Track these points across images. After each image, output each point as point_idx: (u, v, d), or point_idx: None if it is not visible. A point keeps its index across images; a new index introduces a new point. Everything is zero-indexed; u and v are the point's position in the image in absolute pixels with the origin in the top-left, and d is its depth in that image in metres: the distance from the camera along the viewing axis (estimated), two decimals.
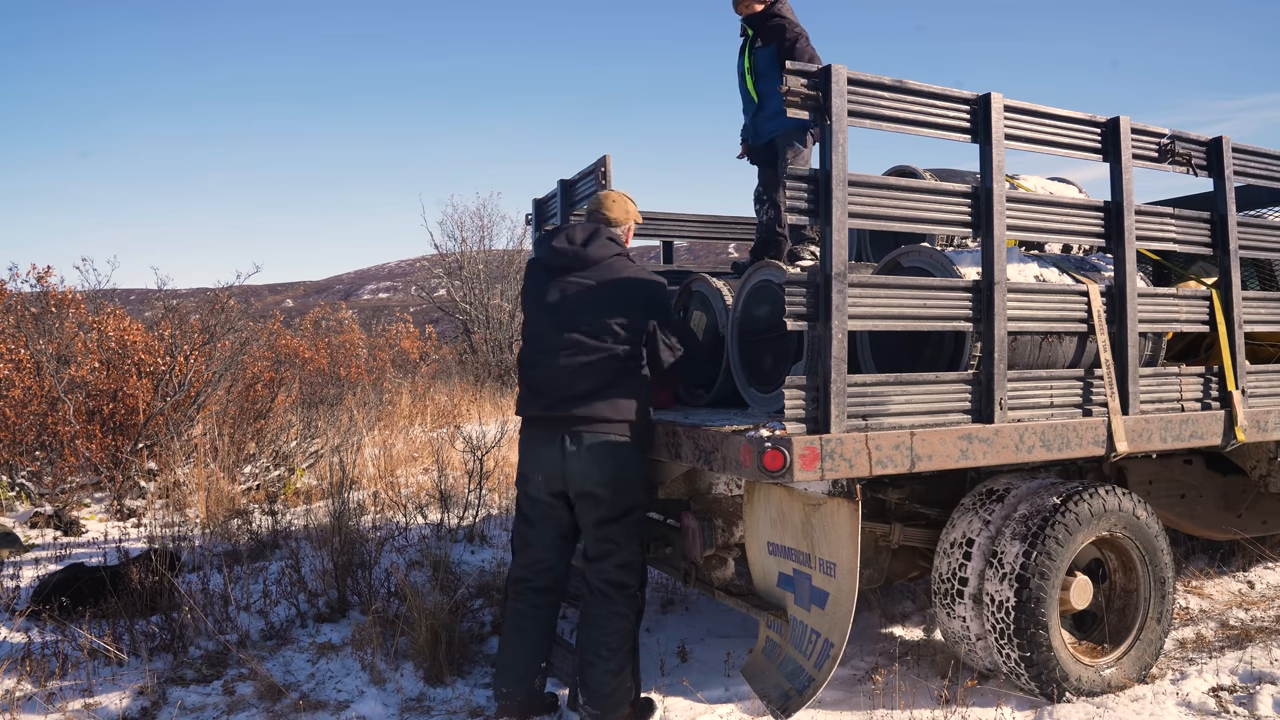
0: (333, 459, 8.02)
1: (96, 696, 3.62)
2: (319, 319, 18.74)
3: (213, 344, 8.66)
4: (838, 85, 2.94)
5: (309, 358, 13.62)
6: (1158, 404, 3.71)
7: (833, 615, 3.07)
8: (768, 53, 4.44)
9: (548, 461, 3.29)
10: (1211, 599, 4.59)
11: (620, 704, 3.26)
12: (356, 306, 37.26)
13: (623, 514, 3.30)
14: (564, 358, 3.27)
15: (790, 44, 4.36)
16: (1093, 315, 3.50)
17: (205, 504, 6.64)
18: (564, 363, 3.27)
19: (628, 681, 3.29)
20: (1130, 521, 3.48)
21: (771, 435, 2.92)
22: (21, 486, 7.10)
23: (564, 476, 3.28)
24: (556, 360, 3.29)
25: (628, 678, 3.29)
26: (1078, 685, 3.32)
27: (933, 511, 3.67)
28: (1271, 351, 4.46)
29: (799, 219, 3.00)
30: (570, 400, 3.25)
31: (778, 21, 4.47)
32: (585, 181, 4.31)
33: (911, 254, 3.61)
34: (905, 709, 3.32)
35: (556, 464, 3.27)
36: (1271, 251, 4.16)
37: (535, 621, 3.42)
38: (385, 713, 3.49)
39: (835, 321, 2.93)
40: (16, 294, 9.19)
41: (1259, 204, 5.17)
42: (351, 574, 4.72)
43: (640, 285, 3.36)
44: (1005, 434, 3.26)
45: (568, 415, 3.25)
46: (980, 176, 3.30)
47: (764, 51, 4.48)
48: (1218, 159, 3.86)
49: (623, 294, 3.31)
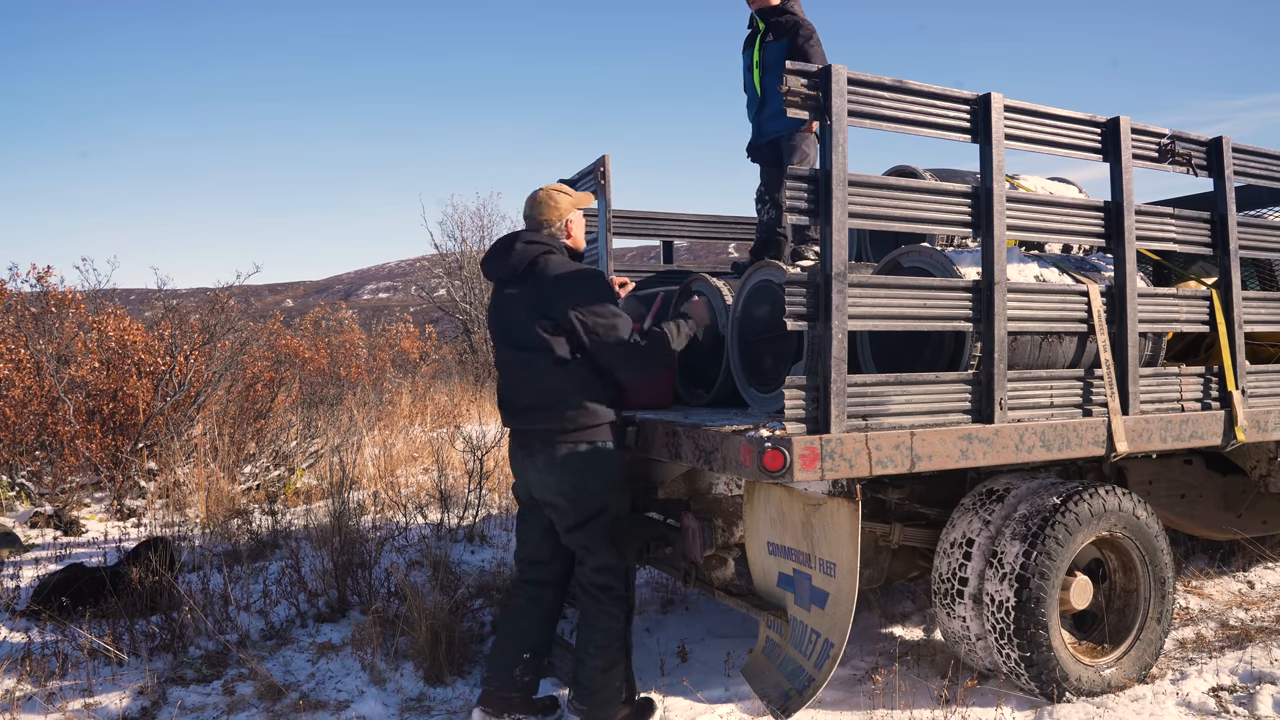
0: (333, 459, 8.02)
1: (96, 696, 3.62)
2: (319, 319, 18.75)
3: (213, 344, 8.66)
4: (838, 85, 2.94)
5: (309, 358, 13.62)
6: (1158, 404, 3.70)
7: (833, 615, 3.07)
8: (779, 47, 4.38)
9: (518, 469, 3.43)
10: (1211, 599, 4.58)
11: (608, 702, 3.27)
12: (356, 306, 37.27)
13: (587, 519, 3.29)
14: (508, 374, 3.39)
15: (803, 42, 4.32)
16: (1093, 315, 3.50)
17: (205, 504, 6.64)
18: (508, 379, 3.39)
19: (617, 680, 3.29)
20: (1130, 521, 3.48)
21: (771, 435, 2.92)
22: (21, 486, 7.10)
23: (528, 485, 3.39)
24: (504, 376, 3.42)
25: (617, 676, 3.29)
26: (1078, 685, 3.32)
27: (933, 511, 3.67)
28: (1271, 351, 4.46)
29: (799, 219, 3.00)
30: (521, 414, 3.34)
31: (791, 18, 4.42)
32: (585, 181, 4.31)
33: (911, 254, 3.61)
34: (905, 709, 3.32)
35: (524, 473, 3.39)
36: (1271, 251, 4.16)
37: (525, 614, 3.47)
38: (385, 713, 3.49)
39: (835, 321, 2.93)
40: (16, 294, 9.19)
41: (1259, 204, 5.17)
42: (351, 574, 4.72)
43: (561, 281, 3.23)
44: (1005, 434, 3.26)
45: (524, 429, 3.35)
46: (980, 176, 3.29)
47: (775, 46, 4.42)
48: (1218, 159, 3.86)
49: (545, 296, 3.23)
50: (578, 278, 3.27)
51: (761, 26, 4.51)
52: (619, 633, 3.32)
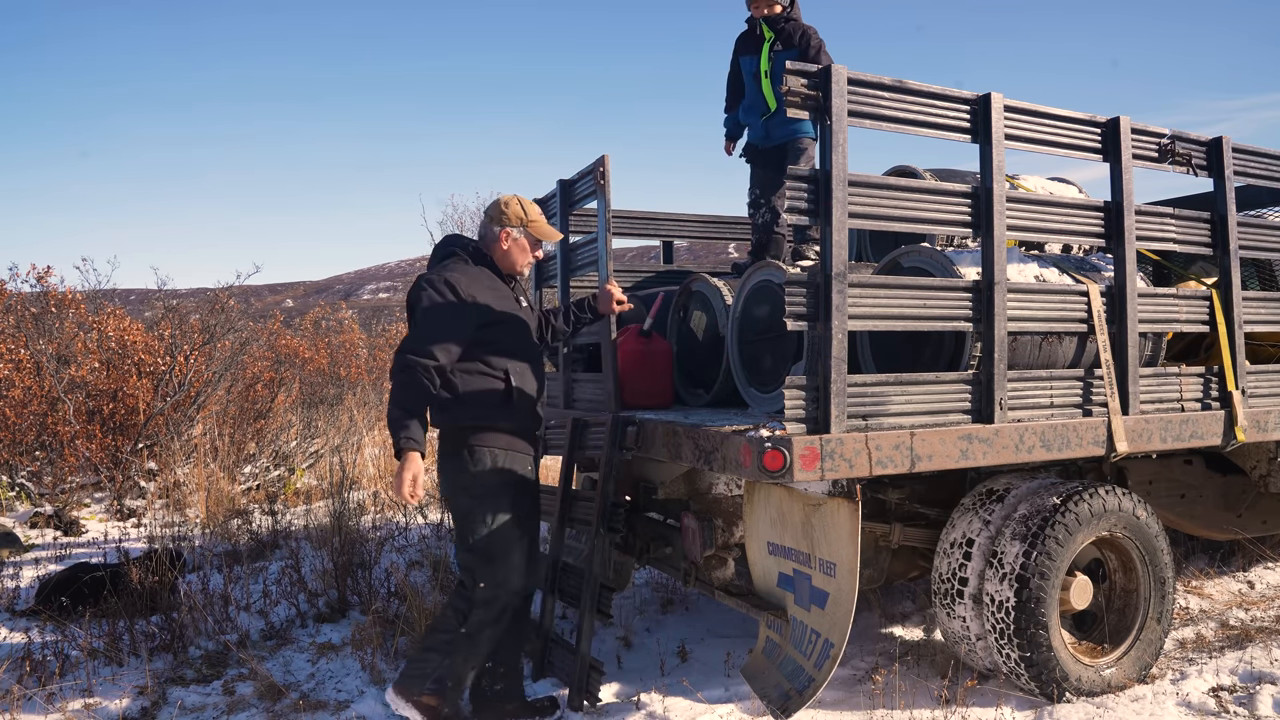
0: (333, 459, 8.03)
1: (96, 696, 3.62)
2: (319, 319, 18.75)
3: (213, 344, 8.67)
4: (838, 85, 2.94)
5: (309, 358, 13.63)
6: (1158, 404, 3.70)
7: (833, 615, 3.07)
8: (789, 56, 4.41)
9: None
10: (1211, 599, 4.58)
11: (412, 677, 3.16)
12: (356, 306, 37.28)
13: (458, 515, 3.25)
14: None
15: (815, 52, 4.41)
16: (1093, 315, 3.50)
17: (205, 504, 6.65)
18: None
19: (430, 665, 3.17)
20: (1130, 521, 3.48)
21: (771, 435, 2.92)
22: (21, 486, 7.11)
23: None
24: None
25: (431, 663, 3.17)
26: (1078, 685, 3.32)
27: (933, 511, 3.67)
28: (1271, 351, 4.45)
29: (799, 219, 2.99)
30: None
31: (797, 26, 4.48)
32: (584, 181, 4.30)
33: (911, 254, 3.61)
34: (905, 709, 3.32)
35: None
36: (1271, 251, 4.15)
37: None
38: (385, 713, 3.49)
39: (835, 321, 2.93)
40: (16, 294, 9.19)
41: (1259, 204, 5.17)
42: (351, 574, 4.73)
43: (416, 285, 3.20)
44: (1005, 434, 3.26)
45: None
46: (980, 176, 3.29)
47: (784, 55, 4.45)
48: (1218, 159, 3.86)
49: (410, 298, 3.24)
50: (419, 284, 3.18)
51: (769, 35, 4.54)
52: (451, 627, 3.18)
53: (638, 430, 3.69)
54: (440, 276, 3.15)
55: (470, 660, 3.21)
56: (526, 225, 3.33)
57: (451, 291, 3.12)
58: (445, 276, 3.15)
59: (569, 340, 4.55)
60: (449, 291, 3.12)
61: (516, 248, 3.34)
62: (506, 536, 3.20)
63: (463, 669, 3.20)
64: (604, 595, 3.60)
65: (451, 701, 3.20)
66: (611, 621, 4.13)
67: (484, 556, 3.19)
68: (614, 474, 3.71)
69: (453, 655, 3.17)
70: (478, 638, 3.19)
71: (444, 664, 3.18)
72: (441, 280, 3.14)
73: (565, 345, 4.60)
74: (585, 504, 3.84)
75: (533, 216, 3.35)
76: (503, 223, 3.32)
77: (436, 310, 3.08)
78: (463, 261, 3.27)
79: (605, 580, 3.64)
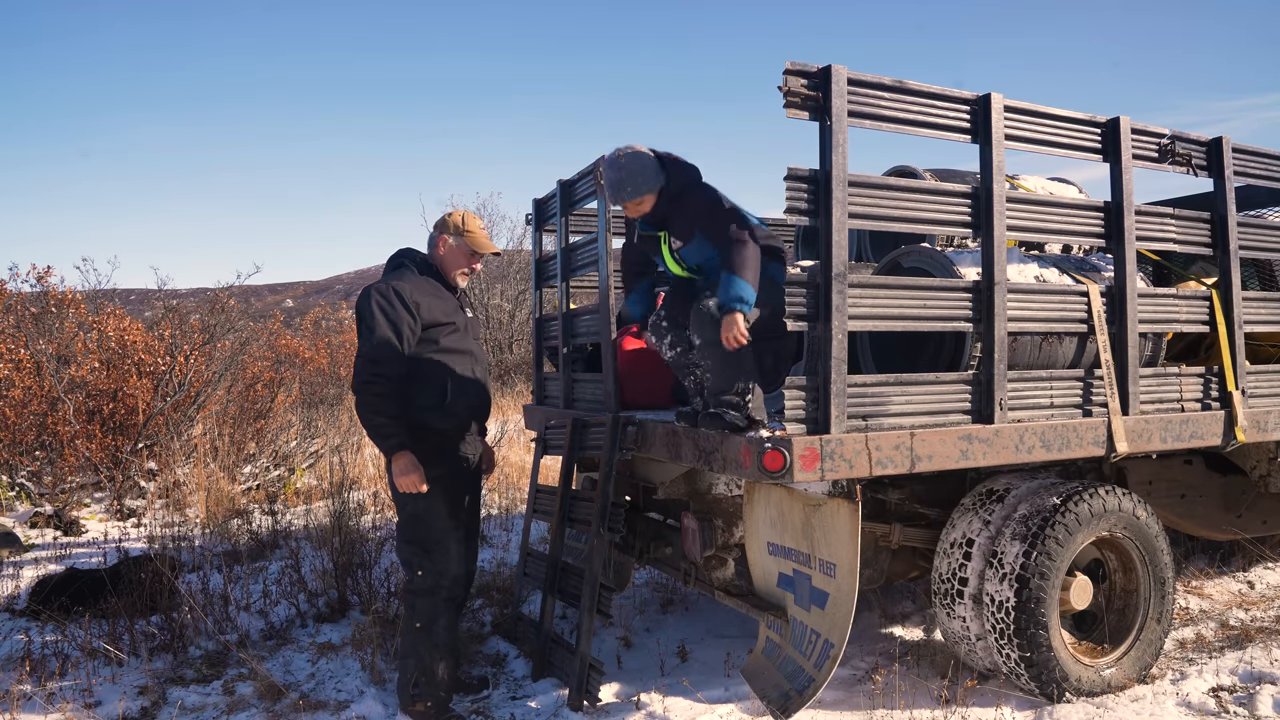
0: (333, 459, 8.03)
1: (96, 696, 3.62)
2: (319, 319, 18.76)
3: (213, 344, 8.67)
4: (838, 85, 2.94)
5: (309, 358, 13.64)
6: (1158, 404, 3.70)
7: (833, 615, 3.07)
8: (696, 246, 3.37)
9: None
10: (1211, 599, 4.58)
11: (402, 685, 3.38)
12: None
13: (398, 510, 3.43)
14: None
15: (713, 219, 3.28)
16: (1093, 315, 3.50)
17: (205, 504, 6.65)
18: None
19: (409, 670, 3.35)
20: (1130, 521, 3.48)
21: (771, 436, 2.92)
22: (21, 486, 7.11)
23: None
24: None
25: (409, 668, 3.35)
26: (1078, 685, 3.32)
27: (933, 511, 3.67)
28: (1271, 351, 4.46)
29: (798, 220, 2.99)
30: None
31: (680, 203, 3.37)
32: (584, 182, 4.30)
33: (911, 254, 3.61)
34: (905, 709, 3.32)
35: None
36: (1271, 251, 4.15)
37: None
38: (385, 713, 3.49)
39: (835, 322, 2.93)
40: (16, 294, 9.20)
41: (1259, 204, 5.17)
42: (351, 574, 4.73)
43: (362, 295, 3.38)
44: (1005, 434, 3.26)
45: None
46: (980, 176, 3.29)
47: (690, 248, 3.40)
48: (1218, 159, 3.86)
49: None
50: (367, 293, 3.34)
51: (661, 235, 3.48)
52: (409, 627, 3.38)
53: (638, 430, 3.69)
54: (388, 286, 3.35)
55: (434, 652, 3.37)
56: (463, 234, 3.52)
57: (398, 299, 3.31)
58: (392, 285, 3.35)
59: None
60: (395, 299, 3.31)
61: (451, 254, 3.53)
62: (442, 528, 3.38)
63: (429, 662, 3.36)
64: (604, 595, 3.60)
65: (433, 696, 3.36)
66: (611, 621, 4.13)
67: (421, 548, 3.38)
68: (614, 474, 3.71)
69: (417, 653, 3.35)
70: (432, 628, 3.37)
71: (414, 665, 3.35)
72: (389, 289, 3.33)
73: (567, 345, 4.59)
74: (585, 504, 3.84)
75: (470, 228, 3.54)
76: (442, 229, 3.54)
77: (383, 321, 3.27)
78: (410, 272, 3.46)
79: (605, 580, 3.64)
